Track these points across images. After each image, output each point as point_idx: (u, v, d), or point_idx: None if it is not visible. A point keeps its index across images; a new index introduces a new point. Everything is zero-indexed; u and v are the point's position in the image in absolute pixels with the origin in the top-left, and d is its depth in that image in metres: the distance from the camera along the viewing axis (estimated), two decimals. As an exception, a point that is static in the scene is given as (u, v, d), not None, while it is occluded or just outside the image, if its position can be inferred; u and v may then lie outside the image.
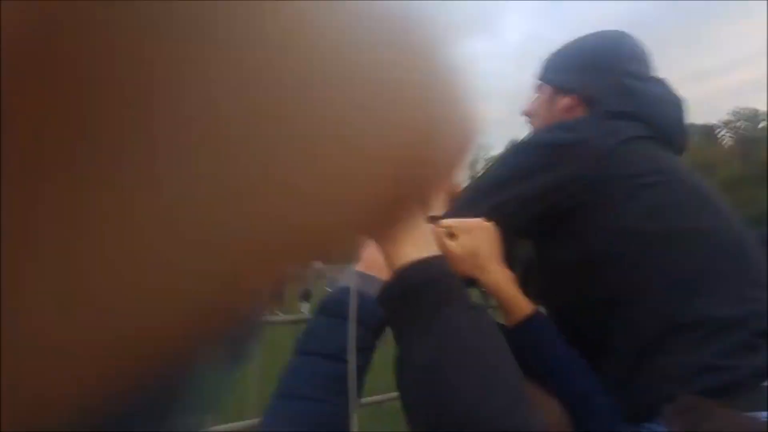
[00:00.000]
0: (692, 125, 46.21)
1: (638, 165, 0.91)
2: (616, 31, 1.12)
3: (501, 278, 0.81)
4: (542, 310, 0.87)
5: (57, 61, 0.11)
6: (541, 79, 1.17)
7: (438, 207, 0.94)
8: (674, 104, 1.07)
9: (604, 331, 0.85)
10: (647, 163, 0.91)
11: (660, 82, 1.07)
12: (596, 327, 0.86)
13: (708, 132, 47.06)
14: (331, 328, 0.72)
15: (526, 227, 0.98)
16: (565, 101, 1.10)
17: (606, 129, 0.97)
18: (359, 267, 0.77)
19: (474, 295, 0.77)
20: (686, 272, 0.82)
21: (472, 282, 0.81)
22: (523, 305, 0.79)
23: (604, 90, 1.05)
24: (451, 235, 0.82)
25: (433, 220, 0.82)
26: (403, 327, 0.57)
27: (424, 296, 0.57)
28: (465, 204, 0.95)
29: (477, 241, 0.82)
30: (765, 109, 46.75)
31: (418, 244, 0.60)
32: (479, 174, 1.03)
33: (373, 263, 0.75)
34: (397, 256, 0.59)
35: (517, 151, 1.01)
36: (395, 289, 0.59)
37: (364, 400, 1.49)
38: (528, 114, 1.19)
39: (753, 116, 46.90)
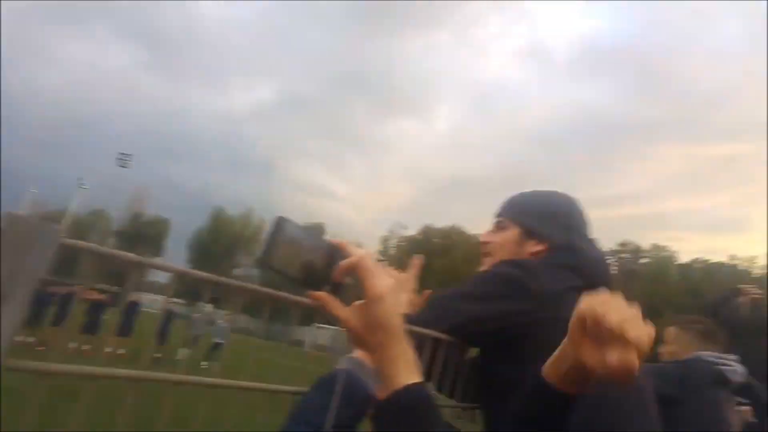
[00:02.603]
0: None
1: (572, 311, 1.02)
2: (569, 195, 1.45)
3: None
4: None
5: None
6: (511, 217, 1.41)
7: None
8: (604, 265, 1.39)
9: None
10: None
11: (595, 245, 1.39)
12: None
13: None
14: (323, 404, 0.85)
15: (478, 342, 1.25)
16: (534, 246, 1.36)
17: (557, 276, 1.23)
18: (355, 355, 0.91)
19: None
20: None
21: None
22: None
23: (563, 243, 1.34)
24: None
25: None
26: None
27: (416, 419, 0.72)
28: (430, 319, 1.17)
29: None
30: (646, 246, 52.08)
31: (409, 367, 0.75)
32: (444, 293, 1.29)
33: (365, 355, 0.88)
34: (391, 376, 0.74)
35: (482, 278, 1.27)
36: (390, 408, 0.73)
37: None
38: (487, 244, 1.43)
39: (635, 250, 52.17)
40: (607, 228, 68.20)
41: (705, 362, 2.69)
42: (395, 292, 0.77)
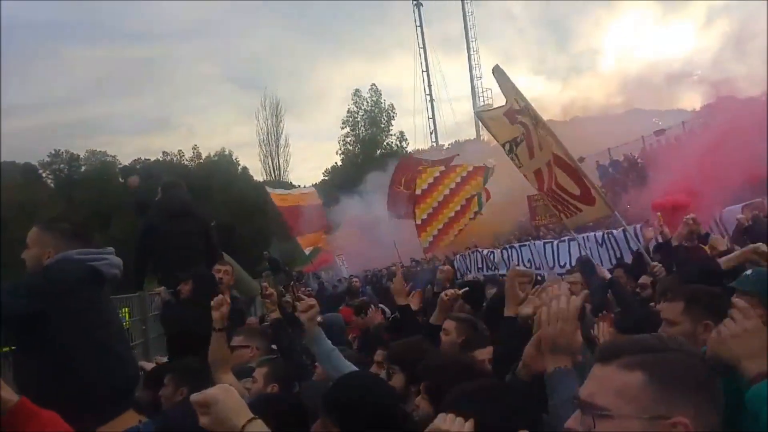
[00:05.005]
0: (13, 164, 43.73)
1: None
2: None
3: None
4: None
5: None
6: None
7: None
8: None
9: None
10: None
11: None
12: None
13: (30, 171, 45.70)
14: None
15: None
16: None
17: None
18: None
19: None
20: None
21: None
22: None
23: None
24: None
25: None
26: None
27: None
28: None
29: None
30: (82, 153, 49.44)
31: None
32: None
33: None
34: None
35: None
36: None
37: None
38: None
39: (71, 159, 48.88)
40: (36, 138, 61.18)
41: (75, 261, 2.55)
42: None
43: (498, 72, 6.54)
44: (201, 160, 51.03)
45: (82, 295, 2.50)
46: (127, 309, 7.10)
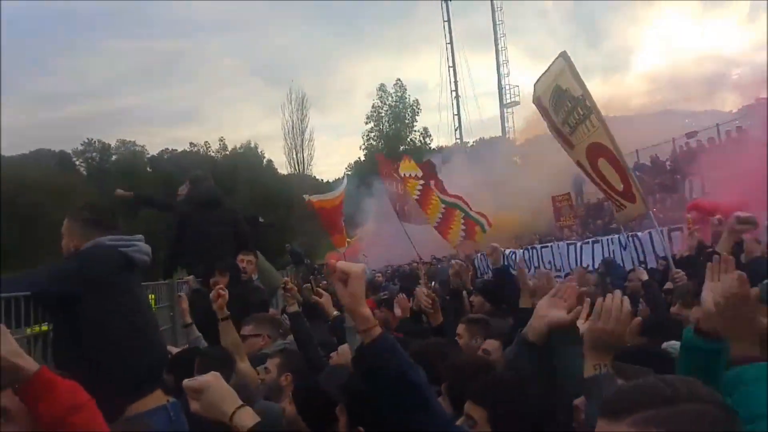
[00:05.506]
0: (49, 151, 44.87)
1: None
2: None
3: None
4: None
5: None
6: None
7: None
8: None
9: None
10: None
11: None
12: None
13: (65, 159, 46.81)
14: None
15: None
16: None
17: None
18: None
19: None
20: None
21: None
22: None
23: None
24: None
25: None
26: None
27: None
28: None
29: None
30: (113, 143, 50.30)
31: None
32: None
33: None
34: None
35: None
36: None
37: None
38: None
39: (103, 148, 49.93)
40: (69, 128, 62.82)
41: (107, 247, 2.64)
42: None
43: (564, 57, 6.25)
44: (227, 152, 51.60)
45: (113, 279, 2.62)
46: (153, 296, 7.30)
